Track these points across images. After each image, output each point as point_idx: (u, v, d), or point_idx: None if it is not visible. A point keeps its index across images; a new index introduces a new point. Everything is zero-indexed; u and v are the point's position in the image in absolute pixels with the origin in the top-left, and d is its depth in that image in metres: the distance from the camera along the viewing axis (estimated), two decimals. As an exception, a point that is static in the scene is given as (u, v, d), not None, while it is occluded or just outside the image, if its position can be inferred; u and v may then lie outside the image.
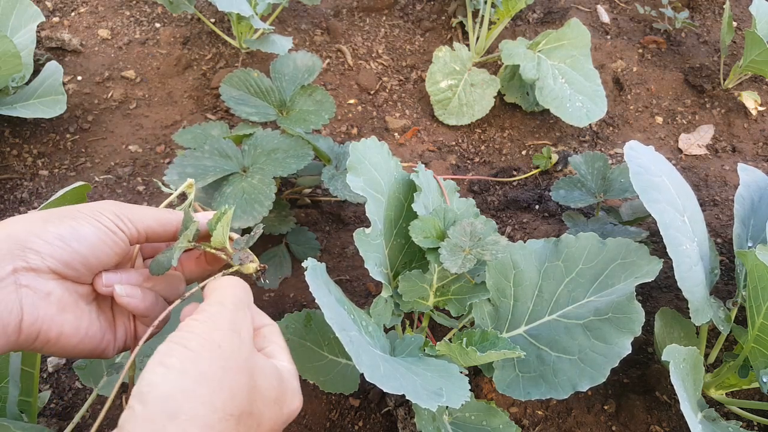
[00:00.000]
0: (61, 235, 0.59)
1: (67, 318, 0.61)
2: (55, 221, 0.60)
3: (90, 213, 0.62)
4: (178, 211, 0.69)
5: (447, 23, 1.91)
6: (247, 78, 1.31)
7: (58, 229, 0.59)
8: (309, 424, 1.06)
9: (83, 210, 0.62)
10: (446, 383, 0.72)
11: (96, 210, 0.63)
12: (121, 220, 0.63)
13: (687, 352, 0.87)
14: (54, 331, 0.59)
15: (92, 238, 0.61)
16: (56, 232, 0.59)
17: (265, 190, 1.12)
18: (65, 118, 1.58)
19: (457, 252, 0.84)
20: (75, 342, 0.62)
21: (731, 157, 1.65)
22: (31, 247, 0.58)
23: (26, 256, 0.58)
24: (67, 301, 0.61)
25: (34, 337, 0.58)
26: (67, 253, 0.60)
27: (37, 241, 0.58)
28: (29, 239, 0.58)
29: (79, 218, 0.61)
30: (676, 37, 1.96)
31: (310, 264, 0.73)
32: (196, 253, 0.73)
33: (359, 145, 0.86)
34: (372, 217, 0.83)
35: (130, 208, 0.65)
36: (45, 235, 0.59)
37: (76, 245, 0.60)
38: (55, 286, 0.60)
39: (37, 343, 0.59)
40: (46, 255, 0.58)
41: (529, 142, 1.68)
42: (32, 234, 0.58)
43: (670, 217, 0.89)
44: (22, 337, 0.58)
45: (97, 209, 0.63)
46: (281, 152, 1.18)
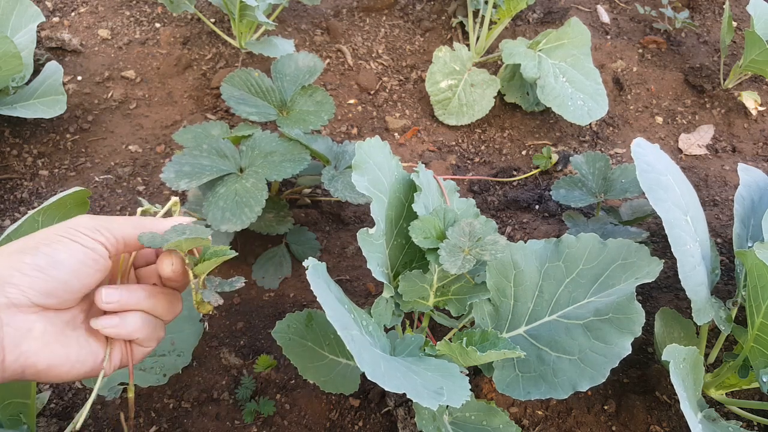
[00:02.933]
0: (38, 265, 0.58)
1: (53, 349, 0.60)
2: (31, 251, 0.59)
3: (65, 233, 0.61)
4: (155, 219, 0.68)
5: (447, 23, 1.91)
6: (248, 78, 1.31)
7: (34, 259, 0.58)
8: (309, 424, 1.06)
9: (58, 232, 0.61)
10: (447, 382, 0.72)
11: (71, 229, 0.61)
12: (99, 232, 0.62)
13: (687, 352, 0.87)
14: (42, 364, 0.59)
15: (70, 261, 0.60)
16: (33, 262, 0.58)
17: (257, 194, 1.12)
18: (65, 118, 1.58)
19: (457, 252, 0.84)
20: (67, 369, 0.62)
21: (731, 157, 1.65)
22: (10, 282, 0.57)
23: (6, 291, 0.57)
24: (51, 332, 0.60)
25: (21, 372, 0.58)
26: (47, 282, 0.59)
27: (16, 275, 0.57)
28: (8, 274, 0.57)
29: (53, 243, 0.60)
30: (676, 37, 1.96)
31: (312, 263, 0.73)
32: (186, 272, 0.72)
33: (364, 144, 0.86)
34: (376, 217, 0.83)
35: (106, 219, 0.65)
36: (23, 268, 0.58)
37: (54, 273, 0.59)
38: (36, 320, 0.59)
39: (27, 376, 0.60)
40: (26, 287, 0.58)
41: (529, 142, 1.68)
42: (11, 268, 0.58)
43: (675, 216, 0.89)
44: (7, 374, 0.58)
45: (72, 227, 0.61)
46: (278, 155, 1.18)
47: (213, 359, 1.16)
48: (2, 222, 1.38)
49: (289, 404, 1.09)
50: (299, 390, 1.10)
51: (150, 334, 0.67)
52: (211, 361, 1.15)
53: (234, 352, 1.17)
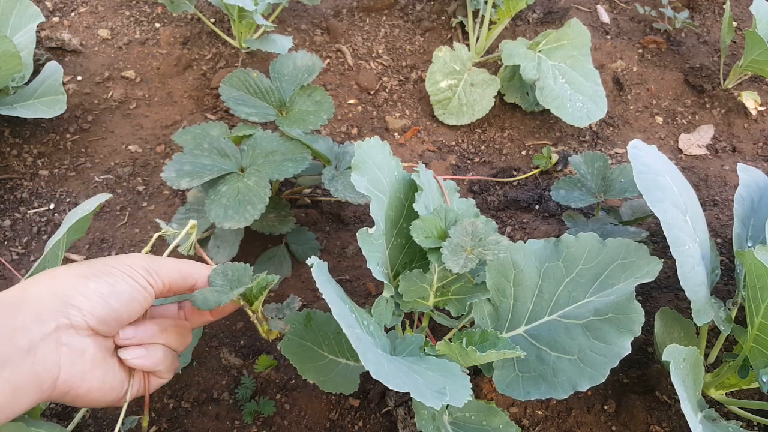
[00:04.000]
0: (100, 292, 0.62)
1: (96, 374, 0.63)
2: (95, 278, 0.63)
3: (123, 269, 0.65)
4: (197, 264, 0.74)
5: (447, 23, 1.91)
6: (247, 78, 1.31)
7: (98, 287, 0.62)
8: (309, 424, 1.06)
9: (117, 266, 0.66)
10: (449, 382, 0.72)
11: (128, 266, 0.66)
12: (150, 276, 0.67)
13: (687, 352, 0.87)
14: (84, 387, 0.62)
15: (126, 294, 0.64)
16: (96, 289, 0.62)
17: (259, 192, 1.12)
18: (65, 118, 1.58)
19: (459, 252, 0.84)
20: (100, 395, 0.65)
21: (731, 157, 1.65)
22: (74, 304, 0.60)
23: (68, 312, 0.60)
24: (98, 357, 0.64)
25: (65, 392, 0.61)
26: (105, 309, 0.62)
27: (79, 298, 0.61)
28: (72, 296, 0.60)
29: (114, 275, 0.64)
30: (676, 37, 1.96)
31: (315, 261, 0.73)
32: None
33: (363, 144, 0.86)
34: (375, 217, 0.83)
35: (158, 262, 0.69)
36: (87, 293, 0.61)
37: (112, 302, 0.63)
38: (89, 343, 0.62)
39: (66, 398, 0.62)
40: (87, 312, 0.61)
41: (529, 142, 1.68)
42: (76, 291, 0.61)
43: (673, 216, 0.89)
44: (54, 393, 0.60)
45: (129, 265, 0.66)
46: (279, 155, 1.18)
47: (213, 359, 1.16)
48: (2, 222, 1.38)
49: (289, 404, 1.09)
50: (299, 390, 1.10)
51: (170, 366, 0.73)
52: (211, 361, 1.15)
53: (234, 352, 1.17)
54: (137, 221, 1.40)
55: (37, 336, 0.57)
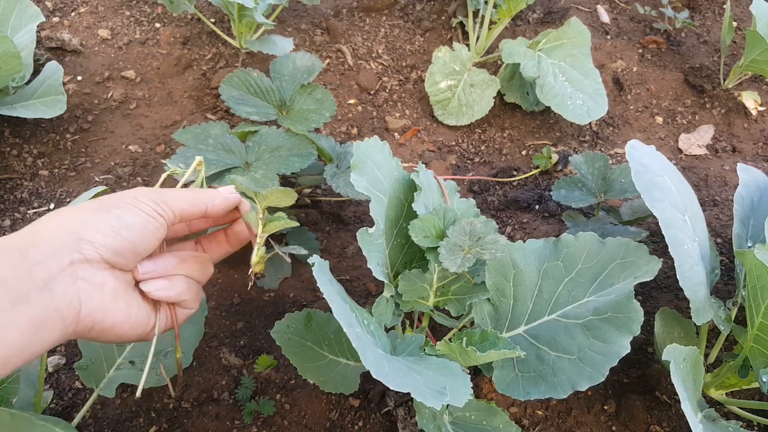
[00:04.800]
0: (111, 224, 0.62)
1: (120, 306, 0.64)
2: (103, 212, 0.63)
3: (131, 202, 0.65)
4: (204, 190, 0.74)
5: (447, 23, 1.91)
6: (247, 78, 1.31)
7: (108, 219, 0.62)
8: (309, 424, 1.06)
9: (125, 198, 0.65)
10: (449, 382, 0.72)
11: (135, 198, 0.66)
12: (158, 206, 0.67)
13: (687, 351, 0.87)
14: (108, 321, 0.62)
15: (138, 225, 0.64)
16: (106, 221, 0.62)
17: (268, 184, 1.12)
18: (65, 118, 1.59)
19: (456, 251, 0.84)
20: (126, 328, 0.65)
21: (731, 157, 1.65)
22: (85, 238, 0.60)
23: (81, 247, 0.60)
24: (119, 289, 0.64)
25: (90, 327, 0.61)
26: (118, 241, 0.62)
27: (90, 232, 0.61)
28: (83, 230, 0.61)
29: (122, 207, 0.64)
30: (676, 37, 1.96)
31: (317, 260, 0.73)
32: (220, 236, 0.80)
33: (363, 144, 0.86)
34: (375, 217, 0.83)
35: (164, 192, 0.69)
36: (97, 225, 0.62)
37: (125, 233, 0.63)
38: (107, 275, 0.63)
39: (92, 333, 0.62)
40: (99, 245, 0.61)
41: (529, 142, 1.68)
42: (85, 224, 0.61)
43: (671, 216, 0.89)
44: (79, 327, 0.60)
45: (135, 197, 0.66)
46: (285, 150, 1.18)
47: (213, 359, 1.16)
48: (2, 222, 1.38)
49: (289, 404, 1.09)
50: (299, 390, 1.10)
51: (195, 296, 0.72)
52: (211, 361, 1.15)
53: (234, 352, 1.17)
54: (137, 221, 1.40)
55: (54, 271, 0.57)
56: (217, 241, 0.80)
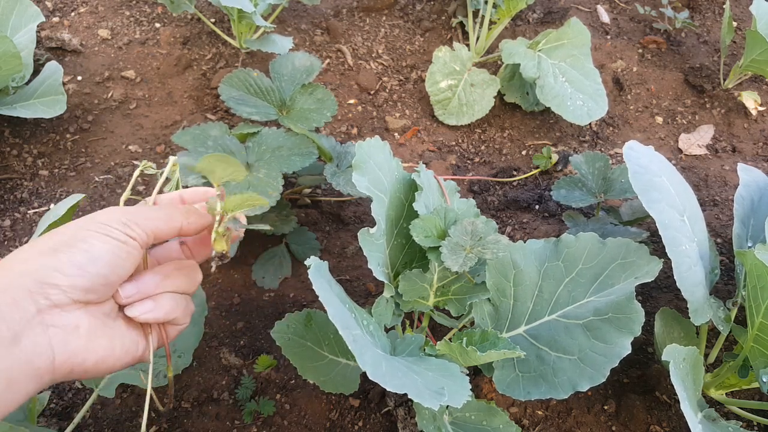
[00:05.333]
0: (76, 262, 0.57)
1: (100, 343, 0.59)
2: (66, 249, 0.57)
3: (98, 229, 0.59)
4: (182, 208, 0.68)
5: (447, 23, 1.91)
6: (247, 78, 1.31)
7: (72, 257, 0.57)
8: (309, 424, 1.06)
9: (90, 227, 0.59)
10: (448, 382, 0.72)
11: (102, 224, 0.60)
12: (130, 228, 0.61)
13: (687, 352, 0.87)
14: (90, 361, 0.58)
15: (107, 256, 0.59)
16: (71, 260, 0.57)
17: (272, 183, 1.12)
18: (65, 118, 1.59)
19: (458, 251, 0.84)
20: (113, 361, 0.61)
21: (731, 157, 1.65)
22: (50, 282, 0.55)
23: (47, 293, 0.55)
24: (96, 326, 0.59)
25: (69, 371, 0.57)
26: (87, 279, 0.57)
27: (54, 275, 0.56)
28: (46, 275, 0.56)
29: (88, 239, 0.58)
30: (676, 37, 1.96)
31: (314, 262, 0.73)
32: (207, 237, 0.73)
33: (364, 144, 0.86)
34: (376, 217, 0.83)
35: (136, 213, 0.63)
36: (61, 267, 0.56)
37: (93, 269, 0.58)
38: (81, 316, 0.58)
39: (74, 375, 0.58)
40: (67, 287, 0.56)
41: (529, 142, 1.68)
42: (47, 268, 0.56)
43: (669, 217, 0.89)
44: (57, 375, 0.56)
45: (104, 222, 0.60)
46: (286, 150, 1.18)
47: (213, 359, 1.16)
48: (2, 222, 1.38)
49: (289, 404, 1.09)
50: (299, 390, 1.10)
51: (184, 310, 0.68)
52: (211, 361, 1.15)
53: (234, 352, 1.17)
54: (137, 221, 1.40)
55: (17, 323, 0.53)
56: (204, 241, 0.74)
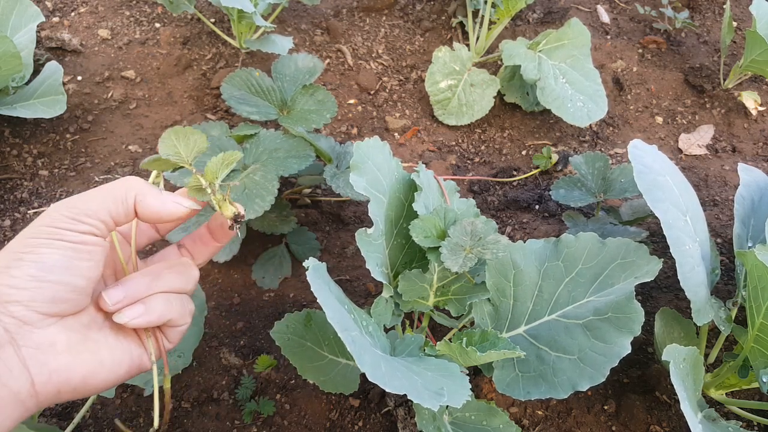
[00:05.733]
0: (30, 275, 0.52)
1: (83, 358, 0.55)
2: (16, 263, 0.52)
3: (44, 235, 0.54)
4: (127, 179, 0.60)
5: (447, 23, 1.91)
6: (249, 77, 1.31)
7: (24, 271, 0.52)
8: (309, 424, 1.06)
9: (37, 235, 0.54)
10: (447, 383, 0.72)
11: (50, 227, 0.54)
12: (80, 222, 0.55)
13: (687, 352, 0.87)
14: (75, 378, 0.54)
15: (63, 261, 0.53)
16: (24, 274, 0.52)
17: (267, 185, 1.12)
18: (65, 118, 1.59)
19: (458, 251, 0.84)
20: (104, 375, 0.57)
21: (731, 157, 1.65)
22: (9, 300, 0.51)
23: (9, 311, 0.51)
24: (77, 340, 0.55)
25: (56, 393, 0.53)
26: (48, 289, 0.53)
27: (12, 291, 0.51)
28: (2, 293, 0.51)
29: (36, 247, 0.53)
30: (676, 37, 1.96)
31: (312, 264, 0.73)
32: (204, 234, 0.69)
33: (362, 144, 0.86)
34: (374, 218, 0.83)
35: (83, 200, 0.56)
36: (15, 282, 0.52)
37: (52, 277, 0.53)
38: (56, 331, 0.54)
39: (63, 396, 0.54)
40: (29, 301, 0.52)
41: (529, 142, 1.68)
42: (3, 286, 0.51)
43: (673, 216, 0.89)
44: (42, 399, 0.53)
45: (51, 226, 0.54)
46: (283, 152, 1.18)
47: (213, 359, 1.16)
48: (2, 222, 1.38)
49: (289, 404, 1.09)
50: (299, 390, 1.10)
51: (181, 310, 0.62)
52: (211, 361, 1.15)
53: (234, 352, 1.17)
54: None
55: None
56: (202, 239, 0.69)
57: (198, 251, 0.70)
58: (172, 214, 0.60)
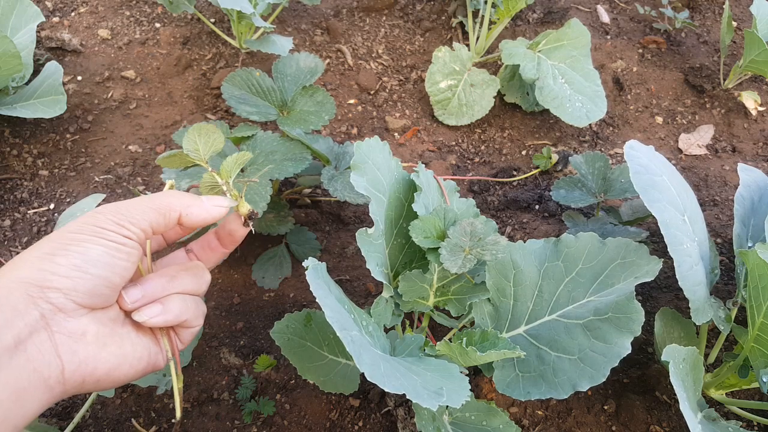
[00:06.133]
0: (74, 264, 0.55)
1: (110, 351, 0.57)
2: (62, 252, 0.55)
3: (91, 231, 0.57)
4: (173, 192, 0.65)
5: (447, 23, 1.91)
6: (249, 77, 1.31)
7: (69, 260, 0.55)
8: (309, 424, 1.06)
9: (82, 230, 0.57)
10: (447, 383, 0.72)
11: (95, 227, 0.58)
12: (123, 227, 0.59)
13: (687, 352, 0.87)
14: (101, 370, 0.56)
15: (105, 258, 0.57)
16: (69, 263, 0.55)
17: (260, 190, 1.12)
18: (65, 118, 1.59)
19: (457, 252, 0.84)
20: (126, 369, 0.59)
21: (731, 157, 1.65)
22: (51, 286, 0.54)
23: (48, 296, 0.53)
24: (104, 333, 0.58)
25: (80, 382, 0.55)
26: (88, 281, 0.55)
27: (54, 278, 0.54)
28: (45, 278, 0.54)
29: (83, 242, 0.56)
30: (676, 37, 1.96)
31: (311, 264, 0.73)
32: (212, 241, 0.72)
33: (363, 144, 0.86)
34: (375, 217, 0.83)
35: (129, 208, 0.61)
36: (59, 269, 0.54)
37: (93, 270, 0.56)
38: (87, 321, 0.56)
39: (86, 386, 0.56)
40: (69, 290, 0.54)
41: (529, 142, 1.68)
42: (45, 272, 0.54)
43: (670, 216, 0.89)
44: (68, 387, 0.54)
45: (96, 225, 0.58)
46: (279, 154, 1.18)
47: (213, 359, 1.16)
48: (2, 222, 1.38)
49: (289, 404, 1.09)
50: (299, 390, 1.10)
51: (195, 311, 0.65)
52: (211, 361, 1.15)
53: (234, 352, 1.17)
54: (137, 221, 1.40)
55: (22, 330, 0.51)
56: (210, 246, 0.72)
57: (206, 257, 0.73)
58: (216, 217, 0.65)
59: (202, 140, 0.66)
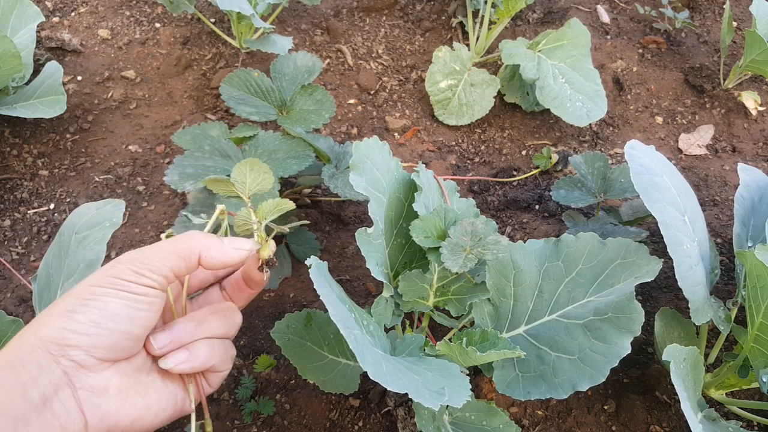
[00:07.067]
0: (93, 321, 0.55)
1: (133, 402, 0.58)
2: (81, 309, 0.56)
3: (111, 284, 0.57)
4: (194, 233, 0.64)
5: (447, 23, 1.91)
6: (248, 78, 1.31)
7: (87, 317, 0.55)
8: (309, 424, 1.06)
9: (102, 284, 0.57)
10: (448, 382, 0.72)
11: (115, 278, 0.57)
12: (143, 276, 0.58)
13: (687, 352, 0.87)
14: (125, 421, 0.57)
15: (124, 311, 0.57)
16: (87, 320, 0.55)
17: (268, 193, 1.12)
18: (65, 118, 1.59)
19: (458, 251, 0.84)
20: (150, 419, 0.59)
21: (731, 157, 1.65)
22: (70, 344, 0.54)
23: (68, 354, 0.54)
24: (128, 384, 0.58)
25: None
26: (108, 337, 0.56)
27: (73, 336, 0.54)
28: (64, 336, 0.54)
29: (101, 296, 0.56)
30: (676, 37, 1.96)
31: (314, 262, 0.73)
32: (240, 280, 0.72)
33: (362, 144, 0.86)
34: (374, 217, 0.83)
35: (148, 256, 0.60)
36: (78, 327, 0.55)
37: (113, 325, 0.56)
38: (110, 375, 0.57)
39: None
40: (89, 347, 0.55)
41: (529, 142, 1.68)
42: (65, 330, 0.55)
43: (670, 216, 0.89)
44: None
45: (115, 276, 0.58)
46: (282, 153, 1.18)
47: (213, 359, 1.16)
48: (2, 222, 1.38)
49: (289, 404, 1.09)
50: (299, 390, 1.10)
51: (222, 356, 0.65)
52: (211, 361, 1.15)
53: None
54: (137, 221, 1.40)
55: (47, 387, 0.52)
56: (239, 285, 0.72)
57: (236, 296, 0.72)
58: (235, 261, 0.64)
59: (251, 175, 0.65)
